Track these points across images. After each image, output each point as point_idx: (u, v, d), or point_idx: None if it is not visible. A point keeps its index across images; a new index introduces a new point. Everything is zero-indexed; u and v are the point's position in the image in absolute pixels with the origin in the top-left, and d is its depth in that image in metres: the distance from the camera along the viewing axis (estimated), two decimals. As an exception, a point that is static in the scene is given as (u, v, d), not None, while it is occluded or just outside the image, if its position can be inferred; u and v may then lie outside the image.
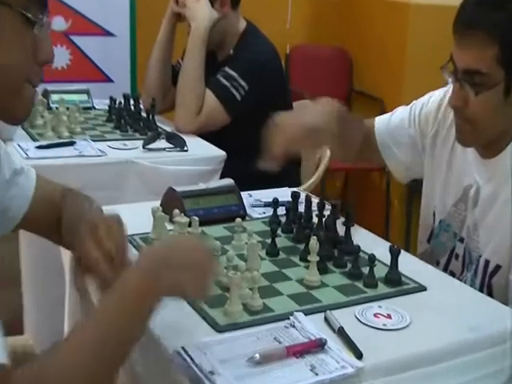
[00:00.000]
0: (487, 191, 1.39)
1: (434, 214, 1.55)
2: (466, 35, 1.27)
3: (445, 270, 1.49)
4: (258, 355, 0.94)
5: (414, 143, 1.61)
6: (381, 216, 3.61)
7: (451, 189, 1.49)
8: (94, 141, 2.13)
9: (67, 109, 2.25)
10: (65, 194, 1.24)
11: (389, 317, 1.11)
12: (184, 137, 2.14)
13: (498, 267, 1.37)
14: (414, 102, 1.63)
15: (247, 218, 1.55)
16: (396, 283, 1.24)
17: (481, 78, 1.26)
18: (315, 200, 1.52)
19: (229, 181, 1.60)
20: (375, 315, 1.12)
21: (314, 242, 1.22)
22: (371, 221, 2.15)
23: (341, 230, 1.39)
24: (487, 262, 1.38)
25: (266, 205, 1.63)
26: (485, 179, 1.40)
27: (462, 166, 1.46)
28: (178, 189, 1.51)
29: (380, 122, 1.67)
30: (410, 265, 1.33)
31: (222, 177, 2.09)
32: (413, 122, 1.61)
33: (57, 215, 1.21)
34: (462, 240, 1.46)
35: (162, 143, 2.12)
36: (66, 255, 1.33)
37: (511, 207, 1.33)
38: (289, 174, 2.32)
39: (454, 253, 1.48)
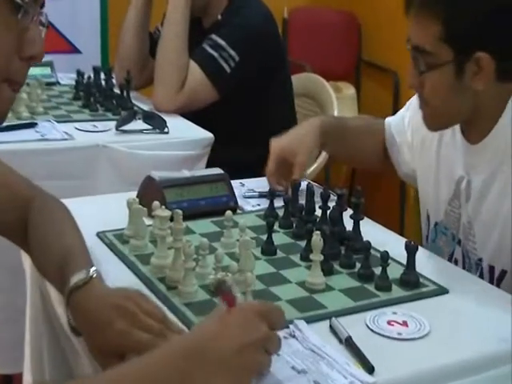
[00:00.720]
0: (478, 181, 1.41)
1: (428, 218, 1.56)
2: (411, 9, 1.33)
3: None
4: None
5: (409, 144, 1.64)
6: (395, 207, 3.62)
7: (443, 185, 1.51)
8: (58, 122, 2.12)
9: (27, 85, 2.24)
10: (33, 196, 1.24)
11: (405, 324, 1.12)
12: (164, 117, 2.13)
13: (503, 272, 1.38)
14: None
15: (239, 210, 1.55)
16: (413, 285, 1.24)
17: (428, 57, 1.31)
18: (318, 189, 1.52)
19: (217, 169, 1.59)
20: (389, 323, 1.12)
21: (317, 239, 1.22)
22: (384, 213, 2.15)
23: (348, 223, 1.39)
24: (492, 268, 1.39)
25: (261, 195, 1.63)
26: (474, 168, 1.42)
27: (451, 155, 1.48)
28: (158, 177, 1.50)
29: (387, 123, 1.71)
30: (430, 263, 1.33)
31: (209, 163, 2.09)
32: (409, 115, 1.64)
33: (21, 216, 1.20)
34: (459, 242, 1.47)
35: (138, 124, 2.11)
36: (27, 257, 1.33)
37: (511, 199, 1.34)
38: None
39: (453, 258, 1.49)
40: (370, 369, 0.99)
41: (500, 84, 1.33)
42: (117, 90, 2.35)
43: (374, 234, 1.41)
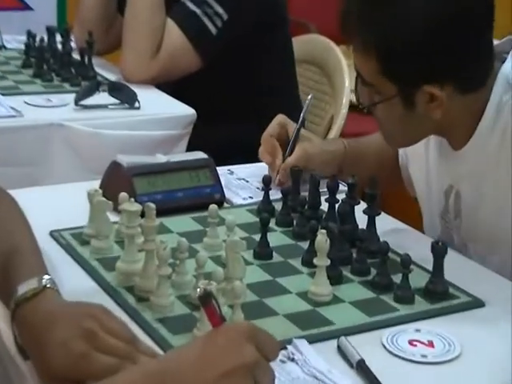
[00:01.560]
0: (466, 194, 1.47)
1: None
2: (344, 33, 1.42)
3: None
4: None
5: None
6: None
7: (435, 195, 1.56)
8: (4, 95, 2.11)
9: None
10: None
11: (430, 345, 1.12)
12: (134, 88, 2.13)
13: None
14: None
15: (226, 204, 1.55)
16: (441, 296, 1.25)
17: (372, 88, 1.41)
18: (324, 178, 1.51)
19: (200, 153, 1.59)
20: (411, 343, 1.12)
21: (322, 239, 1.22)
22: (404, 207, 2.15)
23: (361, 220, 1.39)
24: None
25: (254, 186, 1.63)
26: (460, 177, 1.48)
27: (438, 161, 1.53)
28: (126, 163, 1.50)
29: None
30: (462, 269, 1.33)
31: (190, 145, 2.09)
32: None
33: None
34: None
35: (102, 98, 2.11)
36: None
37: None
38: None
39: None
40: (387, 399, 0.99)
41: (465, 95, 1.39)
42: (76, 56, 2.34)
43: (393, 232, 1.42)
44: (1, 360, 1.27)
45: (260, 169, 1.67)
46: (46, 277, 1.06)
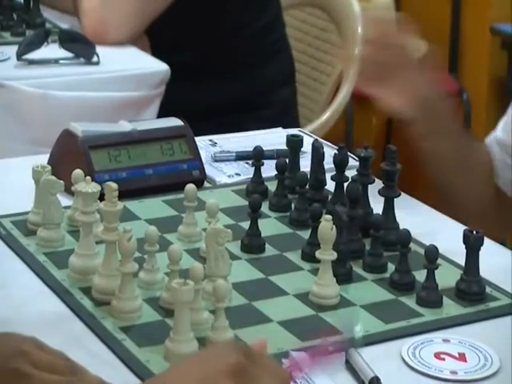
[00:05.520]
0: None
1: None
2: None
3: None
4: None
5: None
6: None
7: None
8: None
9: None
10: None
11: (462, 358, 1.12)
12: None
13: None
14: None
15: (207, 183, 1.56)
16: (476, 298, 1.25)
17: None
18: (331, 150, 1.52)
19: (174, 119, 1.60)
20: (438, 356, 1.12)
21: (327, 227, 1.22)
22: (431, 188, 2.16)
23: (377, 202, 1.39)
24: None
25: (241, 159, 1.64)
26: None
27: None
28: (82, 132, 1.50)
29: (490, 140, 1.75)
30: (502, 265, 1.34)
31: (162, 110, 2.09)
32: None
33: None
34: None
35: (52, 50, 2.11)
36: None
37: None
38: (282, 103, 2.31)
39: None
40: (406, 426, 1.00)
41: None
42: (20, -2, 2.34)
43: (417, 218, 1.42)
44: None
45: (249, 139, 1.68)
46: None
